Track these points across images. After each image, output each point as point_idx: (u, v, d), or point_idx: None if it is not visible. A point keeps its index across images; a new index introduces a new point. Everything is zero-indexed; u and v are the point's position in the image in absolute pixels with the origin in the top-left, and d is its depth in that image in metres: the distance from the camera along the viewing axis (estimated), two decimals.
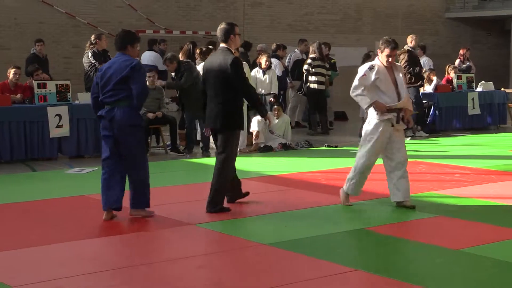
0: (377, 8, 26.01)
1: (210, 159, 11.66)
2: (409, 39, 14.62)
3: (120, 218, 7.42)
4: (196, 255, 6.22)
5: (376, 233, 6.97)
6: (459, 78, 15.97)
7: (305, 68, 15.20)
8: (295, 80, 16.27)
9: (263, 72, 13.69)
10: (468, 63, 17.93)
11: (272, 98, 13.57)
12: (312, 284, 5.45)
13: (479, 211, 7.84)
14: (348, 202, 8.06)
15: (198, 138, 12.45)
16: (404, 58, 14.07)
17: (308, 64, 15.10)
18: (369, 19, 25.93)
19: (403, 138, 8.05)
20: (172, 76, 12.50)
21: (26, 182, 9.91)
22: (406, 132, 14.63)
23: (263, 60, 13.72)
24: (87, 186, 9.20)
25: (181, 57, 12.84)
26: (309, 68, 15.05)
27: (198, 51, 13.08)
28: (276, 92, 14.04)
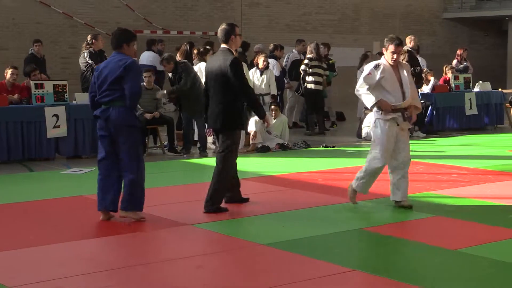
0: (375, 8, 26.03)
1: (207, 159, 11.67)
2: (407, 39, 14.62)
3: (117, 218, 7.40)
4: (194, 255, 6.22)
5: (374, 233, 6.98)
6: (456, 78, 15.98)
7: (302, 69, 15.21)
8: (292, 81, 16.26)
9: (261, 73, 13.69)
10: (465, 63, 17.94)
11: (272, 100, 13.56)
12: (310, 284, 5.45)
13: (476, 211, 7.84)
14: (354, 199, 8.01)
15: (196, 139, 12.45)
16: (404, 59, 14.07)
17: (305, 64, 15.11)
18: (366, 20, 25.94)
19: (407, 137, 8.00)
20: (169, 76, 12.48)
21: (24, 182, 9.91)
22: None
23: (260, 61, 13.71)
24: (85, 187, 9.19)
25: (178, 57, 12.83)
26: (306, 69, 15.05)
27: (195, 51, 13.08)
28: (276, 93, 14.04)
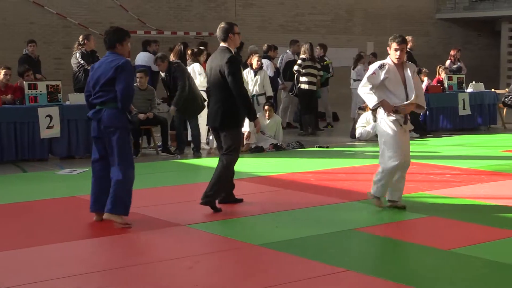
0: (368, 9, 26.05)
1: (201, 160, 11.67)
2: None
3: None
4: (187, 256, 6.22)
5: (367, 233, 6.99)
6: (449, 79, 16.02)
7: (295, 69, 15.22)
8: (287, 81, 16.27)
9: (255, 73, 13.68)
10: (458, 64, 17.98)
11: (269, 102, 13.55)
12: (304, 284, 5.45)
13: (469, 211, 7.86)
14: (381, 203, 7.88)
15: (189, 139, 12.45)
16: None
17: (298, 65, 15.12)
18: (360, 20, 25.97)
19: (408, 139, 7.97)
20: (162, 77, 12.47)
21: (17, 183, 9.89)
22: None
23: (254, 61, 13.70)
24: (78, 187, 9.18)
25: (172, 57, 12.82)
26: (299, 69, 15.07)
27: (189, 52, 13.08)
28: (272, 94, 14.04)
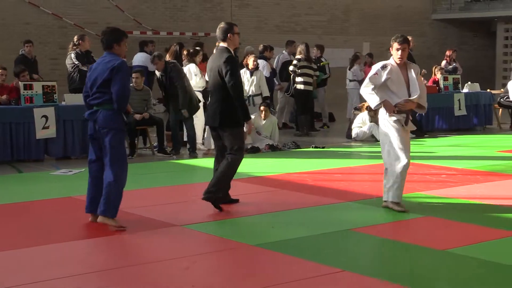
0: (364, 9, 26.08)
1: (197, 160, 11.67)
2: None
3: None
4: (184, 256, 6.21)
5: (363, 234, 6.99)
6: (445, 79, 16.04)
7: (290, 69, 15.24)
8: (283, 82, 16.29)
9: (251, 73, 13.68)
10: (454, 64, 18.02)
11: (267, 101, 13.55)
12: (300, 285, 5.45)
13: (465, 211, 7.87)
14: (404, 207, 7.77)
15: (185, 139, 12.45)
16: None
17: (294, 65, 15.14)
18: (356, 20, 25.99)
19: (409, 139, 7.93)
20: (157, 77, 12.47)
21: (12, 183, 9.87)
22: None
23: (250, 61, 13.70)
24: (74, 188, 9.17)
25: (168, 58, 12.81)
26: (295, 69, 15.08)
27: (185, 52, 13.07)
28: (268, 95, 14.04)
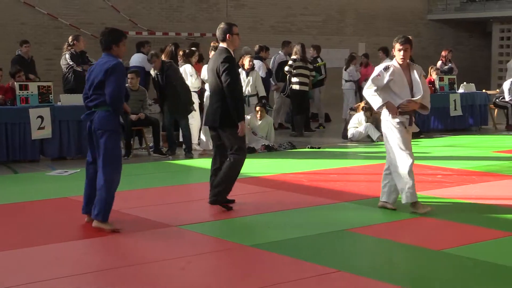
0: (359, 9, 26.10)
1: (193, 160, 11.67)
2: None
3: None
4: (179, 256, 6.21)
5: (359, 234, 6.99)
6: (441, 80, 16.05)
7: (286, 70, 15.25)
8: (280, 82, 16.29)
9: (247, 74, 13.68)
10: (450, 65, 18.04)
11: (264, 100, 13.55)
12: (295, 285, 5.45)
13: (460, 211, 7.87)
14: (422, 206, 7.72)
15: (181, 140, 12.44)
16: None
17: (289, 65, 15.15)
18: (351, 21, 26.01)
19: (411, 140, 7.91)
20: (152, 76, 12.46)
21: (8, 184, 9.85)
22: None
23: (246, 61, 13.70)
24: (70, 188, 9.16)
25: (163, 58, 12.80)
26: (290, 69, 15.09)
27: (181, 53, 13.06)
28: (265, 94, 14.05)
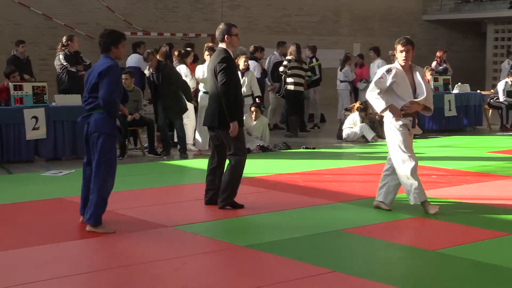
0: (354, 10, 26.11)
1: (187, 161, 11.66)
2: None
3: None
4: (174, 257, 6.21)
5: (353, 234, 7.00)
6: (435, 80, 16.08)
7: (281, 70, 15.26)
8: (276, 82, 16.30)
9: (242, 74, 13.67)
10: (444, 65, 18.06)
11: (257, 100, 13.54)
12: (290, 285, 5.45)
13: (455, 212, 7.88)
14: (435, 207, 7.69)
15: (176, 140, 12.43)
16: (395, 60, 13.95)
17: (284, 66, 15.16)
18: (346, 21, 26.02)
19: (412, 141, 7.86)
20: (146, 75, 12.45)
21: (2, 184, 9.83)
22: (383, 134, 14.78)
23: (241, 62, 13.69)
24: (64, 189, 9.15)
25: (158, 58, 12.80)
26: (285, 70, 15.10)
27: (176, 53, 13.06)
28: (260, 94, 14.05)
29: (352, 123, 14.40)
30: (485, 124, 16.85)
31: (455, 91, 16.43)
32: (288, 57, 15.19)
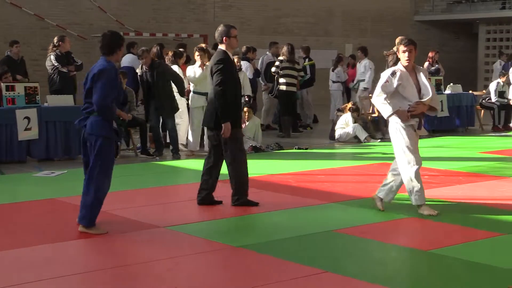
0: (347, 11, 26.14)
1: (180, 161, 11.65)
2: (397, 41, 14.55)
3: None
4: (166, 258, 6.20)
5: (346, 235, 7.00)
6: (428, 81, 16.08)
7: (273, 71, 15.27)
8: (269, 82, 16.31)
9: None
10: (436, 66, 18.08)
11: (246, 99, 13.54)
12: (283, 286, 5.45)
13: (447, 212, 7.89)
14: (429, 208, 7.70)
15: (168, 141, 12.42)
16: (392, 60, 13.93)
17: (276, 66, 15.18)
18: (339, 22, 26.04)
19: (418, 143, 7.83)
20: (139, 74, 12.44)
21: None
22: (376, 134, 14.81)
23: None
24: (56, 189, 9.14)
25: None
26: (277, 70, 15.11)
27: (170, 53, 13.04)
28: (250, 94, 14.06)
29: (345, 124, 14.41)
30: (477, 124, 16.90)
31: (447, 91, 16.47)
32: (280, 57, 15.21)
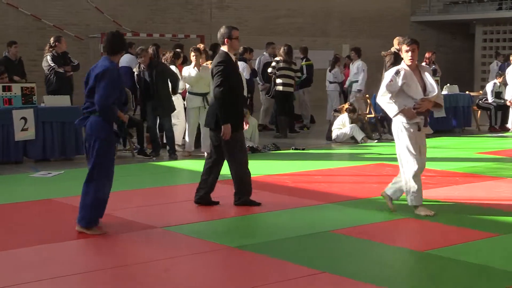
0: (344, 11, 26.15)
1: (177, 162, 11.65)
2: (395, 41, 14.45)
3: None
4: (164, 258, 6.20)
5: (342, 235, 7.00)
6: None
7: (269, 71, 15.28)
8: (267, 83, 16.31)
9: None
10: (433, 66, 18.11)
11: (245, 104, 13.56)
12: (280, 286, 5.46)
13: (444, 213, 7.89)
14: (426, 209, 7.70)
15: (165, 141, 12.42)
16: (389, 60, 13.98)
17: (272, 67, 15.19)
18: (336, 23, 26.05)
19: (425, 141, 7.83)
20: (136, 73, 12.44)
21: None
22: (373, 134, 14.83)
23: None
24: (53, 190, 9.13)
25: None
26: (273, 71, 15.11)
27: (168, 54, 13.04)
28: (247, 95, 14.06)
29: (341, 124, 14.42)
30: (473, 125, 16.92)
31: (444, 92, 16.47)
32: (277, 58, 15.21)
